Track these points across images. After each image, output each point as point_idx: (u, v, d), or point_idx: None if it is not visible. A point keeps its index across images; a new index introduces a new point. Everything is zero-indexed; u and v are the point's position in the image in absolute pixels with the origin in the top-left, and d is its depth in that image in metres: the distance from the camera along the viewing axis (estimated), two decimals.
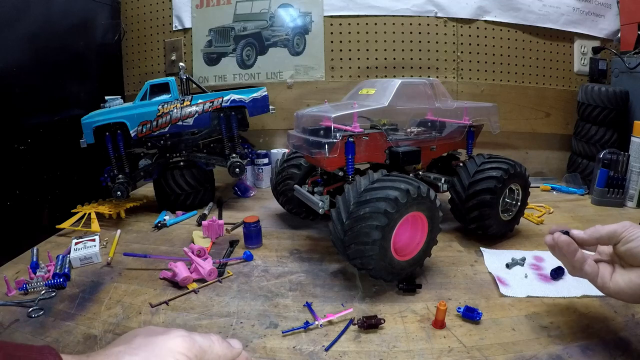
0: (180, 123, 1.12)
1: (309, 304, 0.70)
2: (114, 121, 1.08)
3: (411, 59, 1.47)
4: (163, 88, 1.12)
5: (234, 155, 1.17)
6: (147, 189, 1.42)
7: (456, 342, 0.60)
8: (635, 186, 1.18)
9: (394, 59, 1.48)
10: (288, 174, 1.03)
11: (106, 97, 1.15)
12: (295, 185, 0.99)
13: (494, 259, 0.86)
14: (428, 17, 1.44)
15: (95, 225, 1.04)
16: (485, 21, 1.45)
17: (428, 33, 1.45)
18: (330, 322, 0.65)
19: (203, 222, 1.00)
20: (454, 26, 1.45)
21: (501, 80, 1.49)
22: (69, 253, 0.87)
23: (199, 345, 0.34)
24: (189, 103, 1.12)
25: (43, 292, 0.75)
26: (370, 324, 0.63)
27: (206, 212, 1.18)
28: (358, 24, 1.46)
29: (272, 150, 1.48)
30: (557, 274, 0.77)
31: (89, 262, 0.88)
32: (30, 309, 0.69)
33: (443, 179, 0.96)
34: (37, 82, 1.09)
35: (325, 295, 0.73)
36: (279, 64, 1.50)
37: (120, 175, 1.11)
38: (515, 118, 1.50)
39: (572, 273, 0.57)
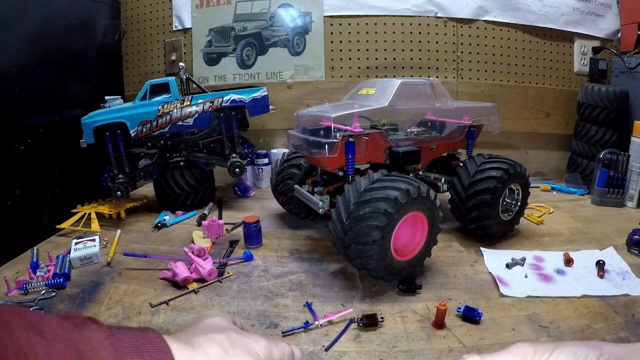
0: (180, 123, 1.12)
1: (309, 304, 0.70)
2: (114, 121, 1.08)
3: (411, 59, 1.47)
4: (163, 88, 1.12)
5: (234, 155, 1.17)
6: (147, 189, 1.42)
7: (456, 342, 0.60)
8: (635, 186, 1.18)
9: (394, 59, 1.48)
10: (288, 174, 1.03)
11: (106, 97, 1.15)
12: (295, 185, 0.99)
13: (494, 259, 0.86)
14: (428, 17, 1.44)
15: (95, 225, 1.04)
16: (485, 21, 1.45)
17: (428, 33, 1.45)
18: (330, 322, 0.65)
19: (203, 222, 1.00)
20: (454, 26, 1.45)
21: (501, 80, 1.49)
22: (69, 253, 0.87)
23: (273, 356, 0.37)
24: (189, 103, 1.12)
25: (43, 292, 0.75)
26: (370, 323, 0.63)
27: (206, 212, 1.18)
28: (358, 24, 1.46)
29: (272, 150, 1.48)
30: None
31: (89, 262, 0.88)
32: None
33: (443, 179, 0.96)
34: (37, 82, 1.09)
35: (325, 295, 0.73)
36: (279, 64, 1.50)
37: (120, 175, 1.11)
38: (515, 118, 1.50)
39: None
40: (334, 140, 0.78)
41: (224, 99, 1.14)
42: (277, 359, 0.37)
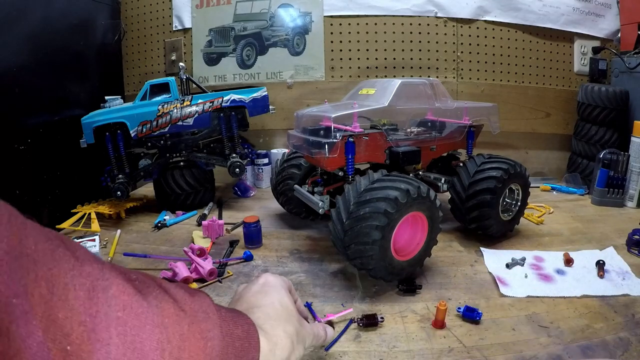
0: (180, 123, 1.12)
1: (308, 304, 0.70)
2: (114, 121, 1.08)
3: (411, 59, 1.47)
4: (163, 88, 1.12)
5: (234, 155, 1.17)
6: (147, 189, 1.42)
7: (456, 342, 0.60)
8: (635, 186, 1.18)
9: (394, 59, 1.48)
10: (288, 174, 1.03)
11: (106, 97, 1.15)
12: (295, 185, 0.99)
13: (494, 259, 0.86)
14: (428, 17, 1.44)
15: (95, 225, 1.04)
16: (485, 21, 1.45)
17: (428, 33, 1.45)
18: (330, 322, 0.65)
19: (203, 222, 1.00)
20: (454, 26, 1.45)
21: (501, 80, 1.49)
22: None
23: (316, 341, 0.44)
24: (189, 103, 1.12)
25: None
26: (370, 323, 0.63)
27: (206, 212, 1.18)
28: (358, 24, 1.46)
29: (272, 150, 1.48)
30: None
31: None
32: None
33: (443, 179, 0.96)
34: (37, 82, 1.09)
35: (325, 295, 0.73)
36: (279, 64, 1.50)
37: (120, 175, 1.11)
38: (515, 118, 1.50)
39: None
40: (334, 140, 0.78)
41: (224, 99, 1.14)
42: (319, 341, 0.44)
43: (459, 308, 0.66)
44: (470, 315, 0.65)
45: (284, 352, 0.36)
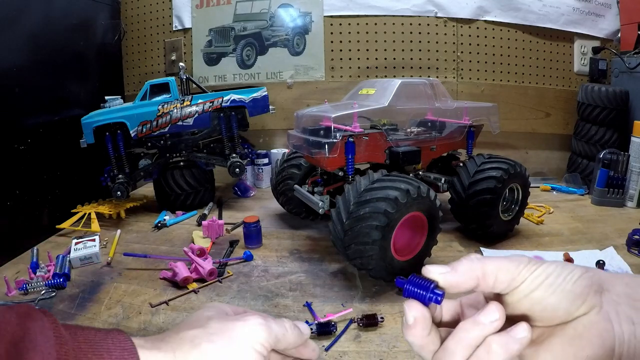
0: (180, 123, 1.12)
1: (309, 304, 0.70)
2: (114, 121, 1.08)
3: (411, 59, 1.47)
4: (163, 88, 1.12)
5: (234, 155, 1.17)
6: (147, 189, 1.42)
7: None
8: (635, 186, 1.18)
9: (394, 59, 1.48)
10: (288, 174, 1.03)
11: (106, 97, 1.15)
12: (295, 185, 0.99)
13: None
14: (428, 17, 1.44)
15: (95, 225, 1.04)
16: (485, 21, 1.45)
17: (428, 33, 1.45)
18: (329, 323, 0.65)
19: (203, 222, 1.00)
20: (454, 26, 1.45)
21: (501, 80, 1.49)
22: (69, 253, 0.87)
23: (275, 334, 0.32)
24: (189, 103, 1.12)
25: (43, 292, 0.75)
26: (370, 323, 0.63)
27: (206, 212, 1.18)
28: (358, 24, 1.46)
29: (272, 150, 1.47)
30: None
31: (89, 262, 0.88)
32: None
33: (443, 179, 0.96)
34: (37, 82, 1.09)
35: (325, 295, 0.73)
36: (279, 64, 1.50)
37: (120, 175, 1.11)
38: (515, 118, 1.50)
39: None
40: (334, 140, 0.78)
41: (224, 99, 1.14)
42: (280, 333, 0.32)
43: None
44: None
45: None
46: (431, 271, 0.27)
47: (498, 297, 0.27)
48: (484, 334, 0.25)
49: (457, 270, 0.27)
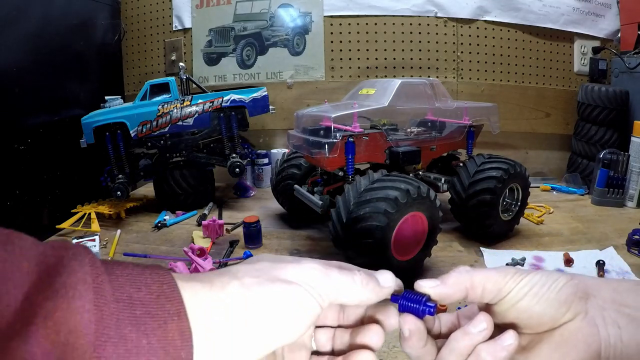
0: (180, 123, 1.12)
1: None
2: (114, 121, 1.08)
3: (411, 59, 1.47)
4: (163, 88, 1.12)
5: (234, 155, 1.17)
6: (147, 189, 1.42)
7: None
8: (635, 186, 1.18)
9: (394, 59, 1.48)
10: (288, 174, 1.03)
11: (106, 97, 1.15)
12: (295, 185, 0.99)
13: (494, 259, 0.86)
14: (428, 17, 1.44)
15: (95, 225, 1.04)
16: (485, 21, 1.45)
17: (428, 33, 1.45)
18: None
19: (203, 222, 1.00)
20: (454, 26, 1.45)
21: (501, 80, 1.49)
22: None
23: (335, 284, 0.26)
24: (189, 103, 1.12)
25: None
26: None
27: (206, 212, 1.18)
28: (358, 24, 1.46)
29: (272, 150, 1.47)
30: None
31: None
32: None
33: (443, 179, 0.96)
34: (37, 82, 1.09)
35: None
36: (279, 64, 1.50)
37: (120, 175, 1.11)
38: (515, 118, 1.50)
39: None
40: (334, 140, 0.78)
41: (224, 99, 1.14)
42: (344, 286, 0.27)
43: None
44: None
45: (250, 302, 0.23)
46: (422, 286, 0.28)
47: (488, 307, 0.29)
48: (473, 342, 0.27)
49: (446, 283, 0.28)
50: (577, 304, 0.27)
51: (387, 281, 0.29)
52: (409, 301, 0.28)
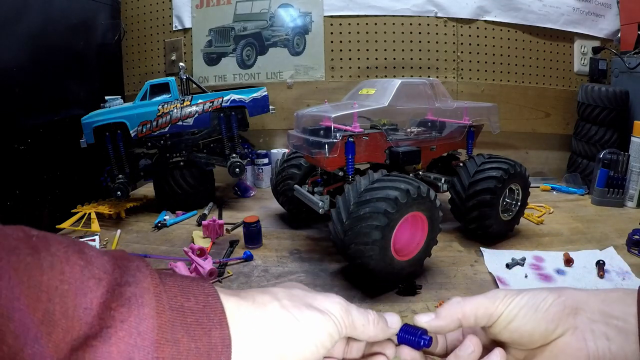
0: (180, 123, 1.12)
1: None
2: (114, 121, 1.08)
3: (411, 59, 1.47)
4: (163, 88, 1.12)
5: (234, 155, 1.17)
6: (147, 189, 1.42)
7: None
8: (635, 186, 1.18)
9: (394, 59, 1.48)
10: (288, 174, 1.03)
11: (106, 97, 1.15)
12: (295, 185, 0.99)
13: (494, 259, 0.86)
14: (428, 17, 1.44)
15: (95, 225, 1.04)
16: (485, 21, 1.45)
17: (428, 33, 1.45)
18: None
19: (203, 222, 1.00)
20: (454, 26, 1.45)
21: (501, 80, 1.49)
22: None
23: (353, 320, 0.30)
24: (189, 103, 1.12)
25: None
26: None
27: (206, 212, 1.18)
28: (358, 24, 1.46)
29: (272, 150, 1.48)
30: None
31: None
32: None
33: (443, 179, 0.96)
34: (37, 82, 1.09)
35: None
36: (279, 64, 1.50)
37: (120, 175, 1.11)
38: (515, 118, 1.50)
39: None
40: (334, 140, 0.78)
41: (224, 99, 1.14)
42: (359, 322, 0.30)
43: None
44: None
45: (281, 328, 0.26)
46: (418, 320, 0.32)
47: (484, 329, 0.32)
48: None
49: (439, 316, 0.31)
50: (565, 320, 0.28)
51: (394, 323, 0.33)
52: (407, 334, 0.32)
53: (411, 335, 0.32)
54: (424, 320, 0.32)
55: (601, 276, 0.78)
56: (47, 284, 0.20)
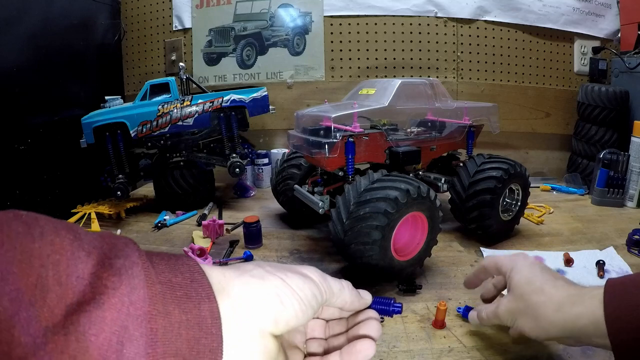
0: (180, 123, 1.12)
1: None
2: (114, 121, 1.08)
3: (411, 59, 1.47)
4: (163, 88, 1.12)
5: (234, 155, 1.17)
6: (147, 189, 1.42)
7: (456, 342, 0.60)
8: (635, 186, 1.18)
9: (394, 59, 1.48)
10: (288, 174, 1.03)
11: (106, 97, 1.15)
12: (295, 185, 0.99)
13: None
14: (428, 17, 1.44)
15: (95, 225, 1.04)
16: (485, 21, 1.45)
17: (428, 33, 1.45)
18: None
19: (203, 222, 1.00)
20: (454, 26, 1.45)
21: (501, 80, 1.49)
22: None
23: (330, 285, 0.32)
24: (189, 103, 1.12)
25: None
26: None
27: (206, 212, 1.18)
28: (358, 24, 1.46)
29: (272, 150, 1.48)
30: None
31: None
32: None
33: (443, 179, 0.96)
34: (37, 82, 1.09)
35: None
36: (279, 64, 1.50)
37: (120, 175, 1.11)
38: (515, 118, 1.50)
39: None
40: (334, 140, 0.78)
41: (224, 99, 1.14)
42: (336, 288, 0.32)
43: (459, 308, 0.66)
44: None
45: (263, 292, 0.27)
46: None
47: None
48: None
49: (483, 263, 0.60)
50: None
51: (367, 295, 0.37)
52: (379, 305, 0.37)
53: (384, 305, 0.37)
54: (476, 316, 0.57)
55: (601, 276, 0.78)
56: (39, 252, 0.20)
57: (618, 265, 0.82)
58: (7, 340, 0.18)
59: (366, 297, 0.37)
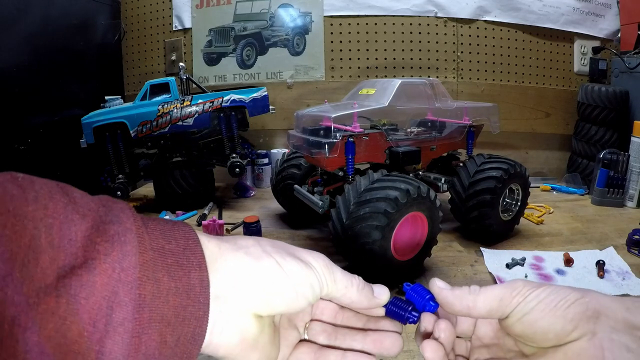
0: (180, 123, 1.12)
1: None
2: (114, 121, 1.08)
3: (411, 59, 1.47)
4: (163, 88, 1.12)
5: (234, 155, 1.17)
6: (147, 189, 1.42)
7: None
8: (635, 186, 1.18)
9: (394, 59, 1.48)
10: (288, 174, 1.03)
11: (106, 97, 1.15)
12: (295, 185, 0.99)
13: (494, 259, 0.86)
14: (428, 17, 1.44)
15: None
16: (485, 21, 1.45)
17: (428, 33, 1.45)
18: None
19: (203, 222, 1.00)
20: (454, 26, 1.45)
21: (501, 80, 1.49)
22: None
23: (335, 279, 0.29)
24: (189, 103, 1.12)
25: None
26: None
27: (206, 212, 1.18)
28: (358, 24, 1.46)
29: (272, 150, 1.48)
30: None
31: None
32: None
33: (443, 179, 0.96)
34: (37, 82, 1.09)
35: None
36: (279, 64, 1.50)
37: (120, 175, 1.11)
38: (515, 118, 1.50)
39: None
40: (334, 140, 0.78)
41: (224, 99, 1.14)
42: (342, 284, 0.29)
43: None
44: None
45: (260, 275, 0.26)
46: (434, 284, 0.31)
47: (501, 324, 0.30)
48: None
49: (454, 292, 0.31)
50: (584, 324, 0.26)
51: (382, 294, 0.31)
52: (396, 307, 0.30)
53: (400, 310, 0.30)
54: (438, 284, 0.31)
55: (601, 276, 0.78)
56: (32, 215, 0.20)
57: (618, 265, 0.82)
58: (0, 299, 0.18)
59: (381, 296, 0.31)
